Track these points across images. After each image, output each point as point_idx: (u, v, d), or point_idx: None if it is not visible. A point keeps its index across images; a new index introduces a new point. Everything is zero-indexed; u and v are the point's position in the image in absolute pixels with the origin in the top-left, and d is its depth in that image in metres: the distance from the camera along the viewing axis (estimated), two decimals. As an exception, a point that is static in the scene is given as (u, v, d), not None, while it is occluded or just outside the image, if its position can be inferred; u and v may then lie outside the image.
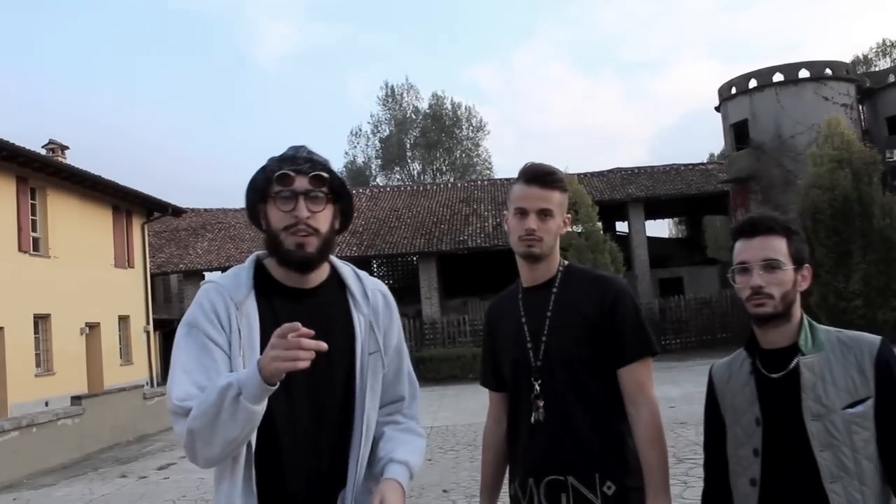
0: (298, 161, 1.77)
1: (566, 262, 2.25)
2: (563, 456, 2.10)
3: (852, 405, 1.76)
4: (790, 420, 1.80)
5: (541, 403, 2.13)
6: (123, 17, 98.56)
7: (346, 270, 1.91)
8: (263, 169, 1.81)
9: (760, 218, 1.88)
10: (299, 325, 1.48)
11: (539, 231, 2.12)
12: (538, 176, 2.14)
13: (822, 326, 1.89)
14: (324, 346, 1.50)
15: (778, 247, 1.83)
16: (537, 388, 2.14)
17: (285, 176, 1.74)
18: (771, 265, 1.81)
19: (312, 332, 1.49)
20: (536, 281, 2.22)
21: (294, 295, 1.81)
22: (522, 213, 2.14)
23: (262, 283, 1.81)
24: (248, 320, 1.73)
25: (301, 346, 1.47)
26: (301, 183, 1.75)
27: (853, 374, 1.78)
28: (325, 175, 1.77)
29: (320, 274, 1.85)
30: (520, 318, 2.22)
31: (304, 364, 1.48)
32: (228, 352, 1.71)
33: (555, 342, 2.14)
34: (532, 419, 2.14)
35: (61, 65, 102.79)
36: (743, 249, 1.86)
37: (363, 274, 1.95)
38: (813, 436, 1.76)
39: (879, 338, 1.83)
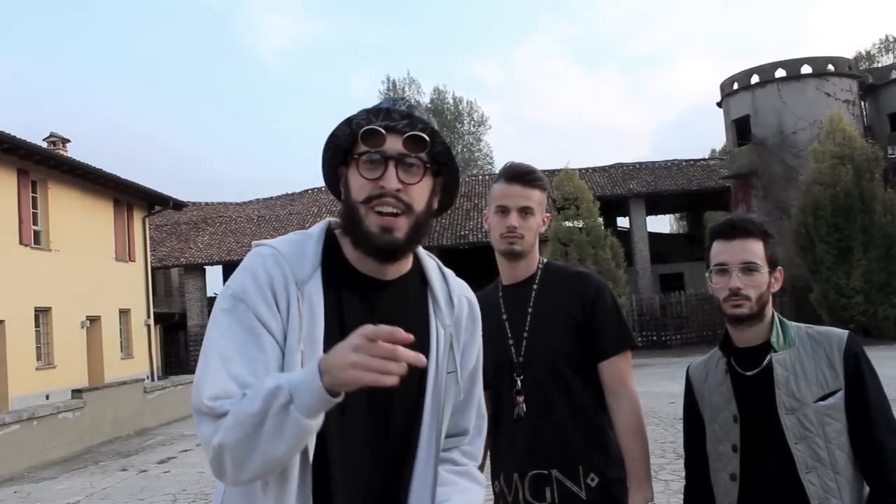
0: (394, 116, 1.37)
1: (545, 260, 2.29)
2: (547, 450, 2.14)
3: (824, 398, 1.81)
4: (766, 415, 1.84)
5: (521, 399, 2.17)
6: (124, 11, 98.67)
7: (432, 266, 1.54)
8: (349, 121, 1.41)
9: (739, 220, 1.91)
10: (400, 330, 1.11)
11: (520, 228, 2.16)
12: (519, 174, 2.17)
13: (792, 323, 1.94)
14: (423, 360, 1.13)
15: (756, 250, 1.87)
16: (519, 383, 2.17)
17: (374, 133, 1.34)
18: (749, 268, 1.85)
19: (412, 338, 1.12)
20: (517, 278, 2.25)
21: (366, 285, 1.42)
22: (504, 210, 2.17)
23: (330, 262, 1.41)
24: (310, 306, 1.34)
25: (396, 356, 1.10)
26: (394, 144, 1.35)
27: (823, 368, 1.83)
28: (427, 138, 1.37)
29: (403, 264, 1.47)
30: (501, 315, 2.24)
31: (393, 381, 1.10)
32: (283, 344, 1.32)
33: (537, 338, 2.18)
34: (514, 414, 2.17)
35: (62, 58, 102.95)
36: (722, 251, 1.89)
37: (449, 273, 1.57)
38: (787, 429, 1.81)
39: (847, 332, 1.88)
